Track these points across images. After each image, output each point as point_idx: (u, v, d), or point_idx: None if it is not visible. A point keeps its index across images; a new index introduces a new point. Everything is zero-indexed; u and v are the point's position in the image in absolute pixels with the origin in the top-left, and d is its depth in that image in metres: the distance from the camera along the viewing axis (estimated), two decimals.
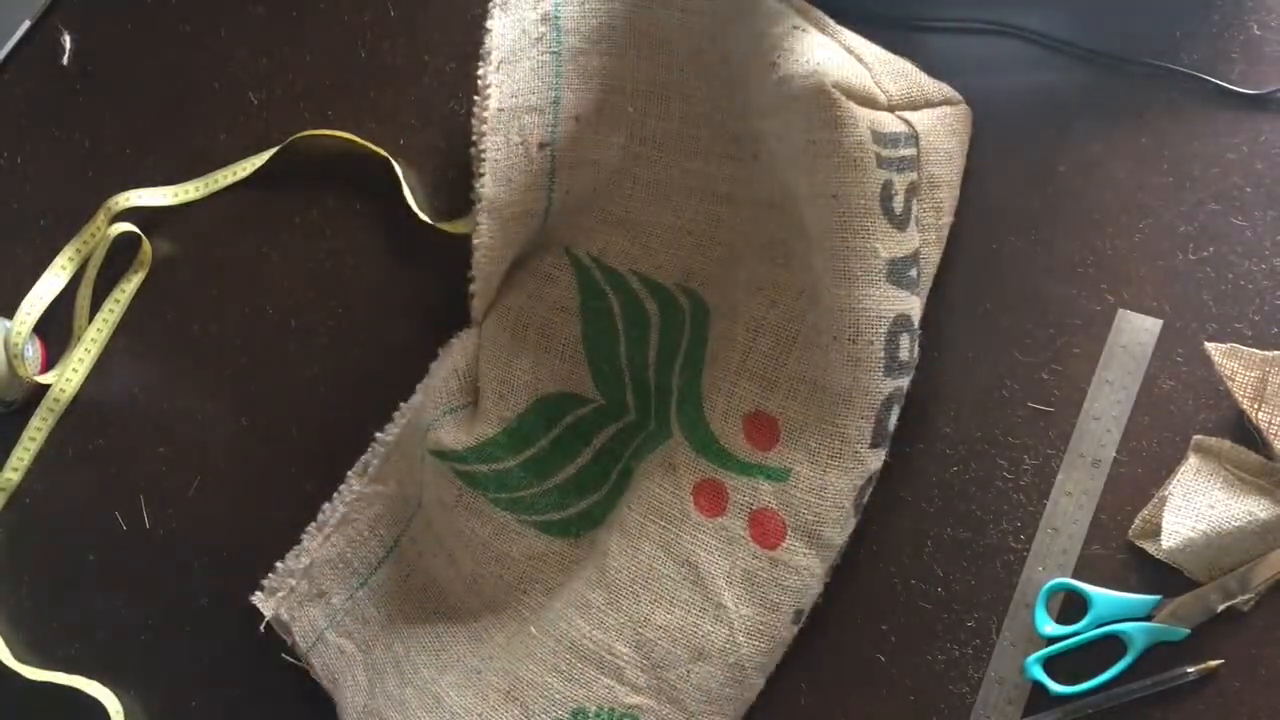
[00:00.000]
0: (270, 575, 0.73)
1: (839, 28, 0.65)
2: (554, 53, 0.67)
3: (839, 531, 0.64)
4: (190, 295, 0.80)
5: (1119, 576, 0.65)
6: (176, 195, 0.81)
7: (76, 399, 0.80)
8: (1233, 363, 0.63)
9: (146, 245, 0.80)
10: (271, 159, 0.79)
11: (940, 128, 0.66)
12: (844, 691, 0.68)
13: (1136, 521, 0.65)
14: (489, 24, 0.67)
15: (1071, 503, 0.66)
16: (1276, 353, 0.63)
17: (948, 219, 0.68)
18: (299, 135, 0.79)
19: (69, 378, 0.80)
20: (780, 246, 0.66)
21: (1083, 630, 0.64)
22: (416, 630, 0.71)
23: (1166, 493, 0.64)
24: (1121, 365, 0.67)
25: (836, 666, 0.68)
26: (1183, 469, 0.64)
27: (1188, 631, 0.63)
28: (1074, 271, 0.68)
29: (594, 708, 0.63)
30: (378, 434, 0.73)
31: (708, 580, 0.63)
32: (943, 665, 0.67)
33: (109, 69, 0.84)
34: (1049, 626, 0.64)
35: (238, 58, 0.82)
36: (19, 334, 0.79)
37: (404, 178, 0.77)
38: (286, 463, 0.77)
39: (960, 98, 0.68)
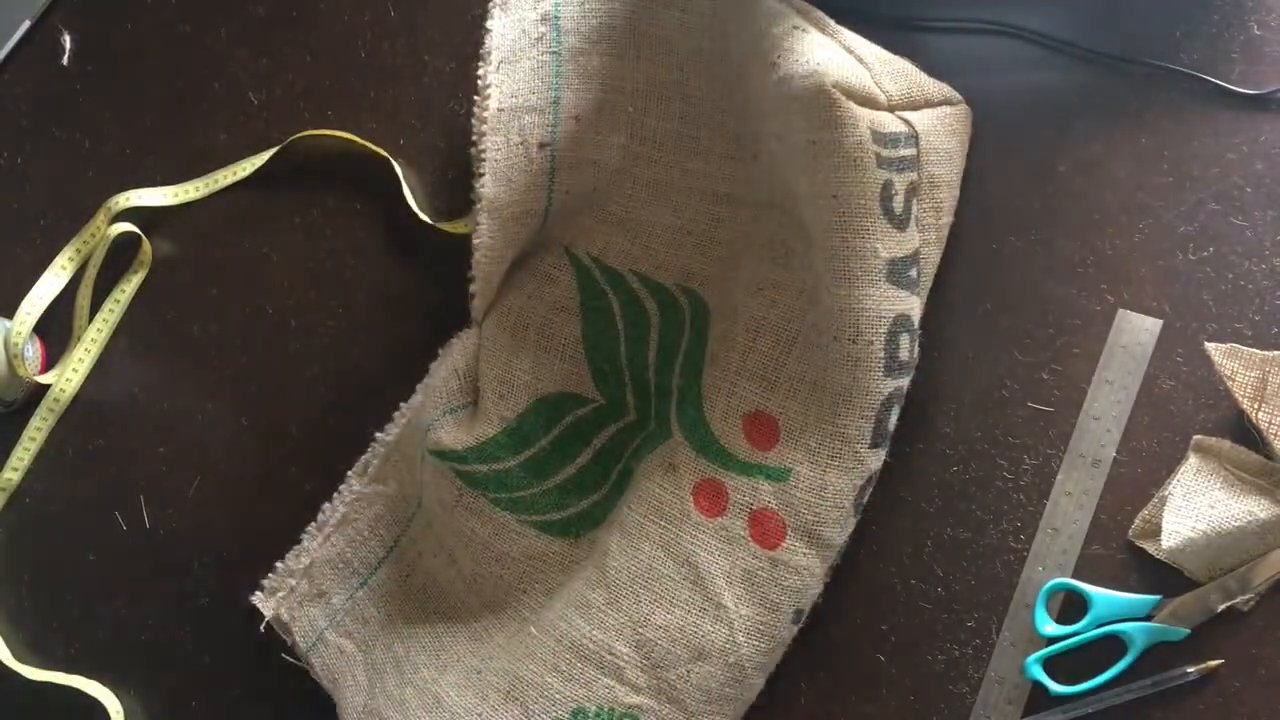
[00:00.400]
0: (270, 575, 0.73)
1: (839, 28, 0.65)
2: (554, 53, 0.67)
3: (839, 531, 0.64)
4: (190, 295, 0.80)
5: (1119, 576, 0.65)
6: (176, 195, 0.81)
7: (76, 399, 0.80)
8: (1233, 363, 0.63)
9: (146, 245, 0.80)
10: (271, 159, 0.79)
11: (940, 128, 0.66)
12: (844, 691, 0.68)
13: (1136, 521, 0.65)
14: (489, 24, 0.67)
15: (1071, 503, 0.66)
16: (1276, 353, 0.63)
17: (948, 219, 0.68)
18: (299, 135, 0.79)
19: (69, 378, 0.80)
20: (780, 246, 0.66)
21: (1083, 630, 0.64)
22: (416, 630, 0.71)
23: (1166, 493, 0.64)
24: (1121, 365, 0.67)
25: (836, 666, 0.68)
26: (1183, 469, 0.64)
27: (1188, 631, 0.63)
28: (1074, 271, 0.68)
29: (594, 708, 0.63)
30: (378, 434, 0.73)
31: (708, 580, 0.63)
32: (943, 665, 0.67)
33: (109, 69, 0.84)
34: (1049, 626, 0.64)
35: (238, 58, 0.82)
36: (19, 334, 0.79)
37: (404, 178, 0.77)
38: (286, 463, 0.77)
39: (960, 98, 0.68)
